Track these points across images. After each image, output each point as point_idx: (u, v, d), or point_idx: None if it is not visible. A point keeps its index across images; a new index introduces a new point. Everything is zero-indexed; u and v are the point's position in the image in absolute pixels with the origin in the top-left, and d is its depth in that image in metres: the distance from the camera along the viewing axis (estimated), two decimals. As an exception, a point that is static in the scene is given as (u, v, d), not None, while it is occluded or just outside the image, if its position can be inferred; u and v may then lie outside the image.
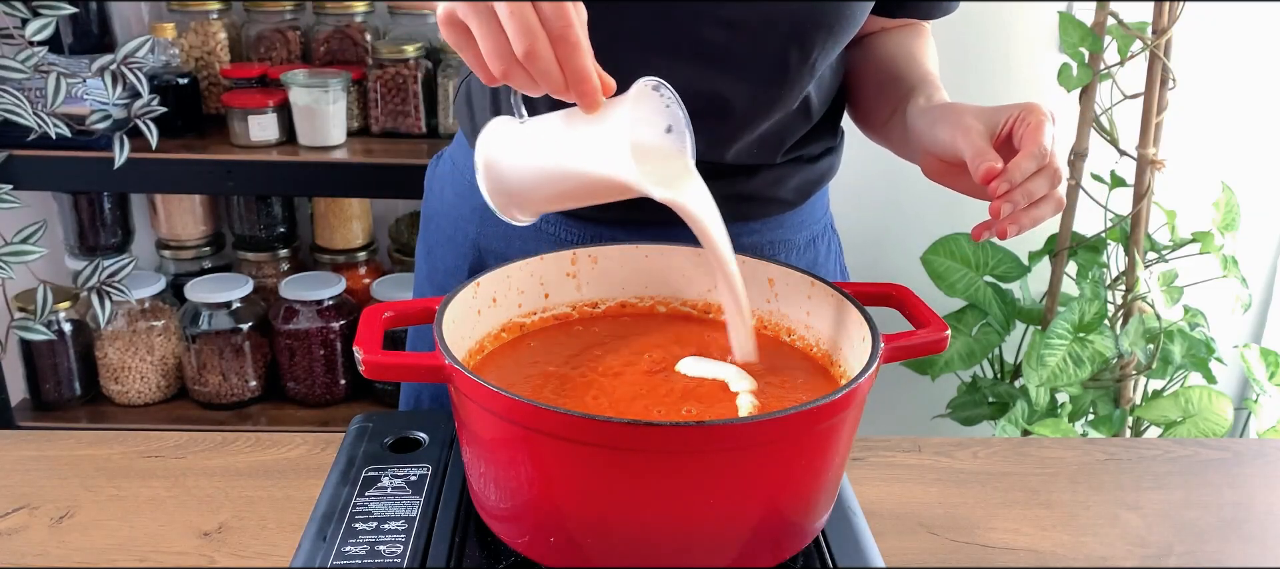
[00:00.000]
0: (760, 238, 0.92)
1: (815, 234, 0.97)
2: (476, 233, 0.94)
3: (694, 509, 0.59)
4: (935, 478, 0.89)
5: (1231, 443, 0.98)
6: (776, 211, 0.93)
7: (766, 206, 0.92)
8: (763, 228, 0.92)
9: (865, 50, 0.94)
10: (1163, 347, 1.65)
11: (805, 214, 0.95)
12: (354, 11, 1.72)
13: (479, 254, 0.94)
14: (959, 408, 1.84)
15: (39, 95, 1.49)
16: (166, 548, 0.77)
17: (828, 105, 0.92)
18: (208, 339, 1.72)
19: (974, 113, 0.75)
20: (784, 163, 0.90)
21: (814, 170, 0.93)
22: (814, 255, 0.97)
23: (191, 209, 1.78)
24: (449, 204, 0.98)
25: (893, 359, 0.66)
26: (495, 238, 0.93)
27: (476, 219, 0.94)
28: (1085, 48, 1.63)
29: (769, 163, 0.89)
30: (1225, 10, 1.79)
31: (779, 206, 0.93)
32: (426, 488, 0.71)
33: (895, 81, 0.88)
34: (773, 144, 0.88)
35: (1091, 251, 1.72)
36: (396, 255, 1.87)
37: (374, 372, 0.61)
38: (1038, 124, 0.70)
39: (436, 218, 1.00)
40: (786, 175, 0.91)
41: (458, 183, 0.97)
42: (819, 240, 0.98)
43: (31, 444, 0.90)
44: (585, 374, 0.70)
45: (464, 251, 0.95)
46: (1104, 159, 1.71)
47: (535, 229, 0.91)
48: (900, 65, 0.89)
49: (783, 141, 0.89)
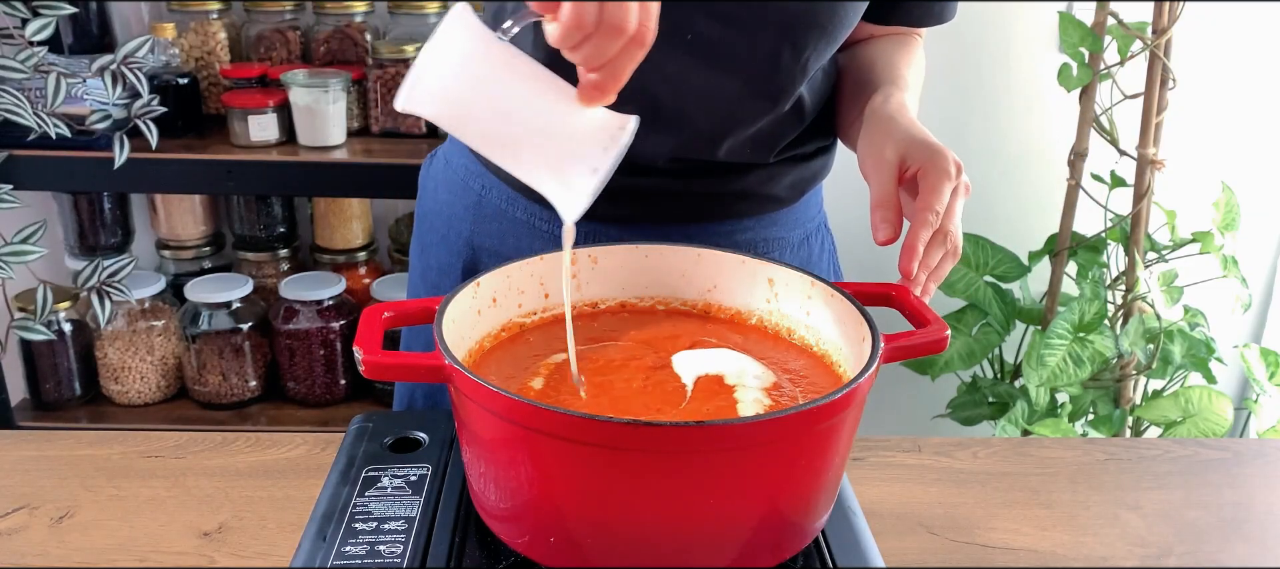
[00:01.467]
0: (754, 235, 0.93)
1: (809, 232, 0.97)
2: (470, 230, 0.94)
3: (694, 509, 0.59)
4: (935, 478, 0.89)
5: (1231, 443, 0.98)
6: (770, 209, 0.93)
7: (760, 204, 0.92)
8: (756, 225, 0.93)
9: (851, 56, 0.94)
10: (1163, 347, 1.65)
11: (799, 212, 0.96)
12: (354, 11, 1.72)
13: (473, 251, 0.94)
14: (959, 408, 1.84)
15: (39, 95, 1.49)
16: (166, 548, 0.77)
17: (821, 106, 0.92)
18: (208, 339, 1.72)
19: (895, 142, 0.75)
20: (777, 162, 0.90)
21: (807, 169, 0.93)
22: (807, 253, 0.97)
23: (191, 209, 1.78)
24: (443, 202, 0.98)
25: (893, 359, 0.66)
26: (489, 235, 0.93)
27: (470, 217, 0.94)
28: (1085, 48, 1.63)
29: (762, 162, 0.89)
30: (1225, 10, 1.79)
31: (772, 204, 0.93)
32: (426, 488, 0.71)
33: (867, 86, 0.88)
34: (765, 144, 0.88)
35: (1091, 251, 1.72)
36: (396, 255, 1.87)
37: (374, 372, 0.61)
38: (935, 184, 0.71)
39: (430, 216, 1.00)
40: (779, 174, 0.91)
41: (451, 181, 0.97)
42: (812, 238, 0.98)
43: (31, 444, 0.90)
44: (584, 371, 0.70)
45: (458, 249, 0.96)
46: (1104, 159, 1.71)
47: (528, 225, 0.91)
48: (877, 70, 0.89)
49: (775, 142, 0.89)
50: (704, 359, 0.71)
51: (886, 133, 0.76)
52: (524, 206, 0.92)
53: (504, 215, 0.93)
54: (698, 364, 0.71)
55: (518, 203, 0.92)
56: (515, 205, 0.92)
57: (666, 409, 0.66)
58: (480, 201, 0.94)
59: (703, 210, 0.91)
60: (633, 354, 0.73)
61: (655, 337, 0.76)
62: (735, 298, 0.79)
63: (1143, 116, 1.63)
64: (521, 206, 0.92)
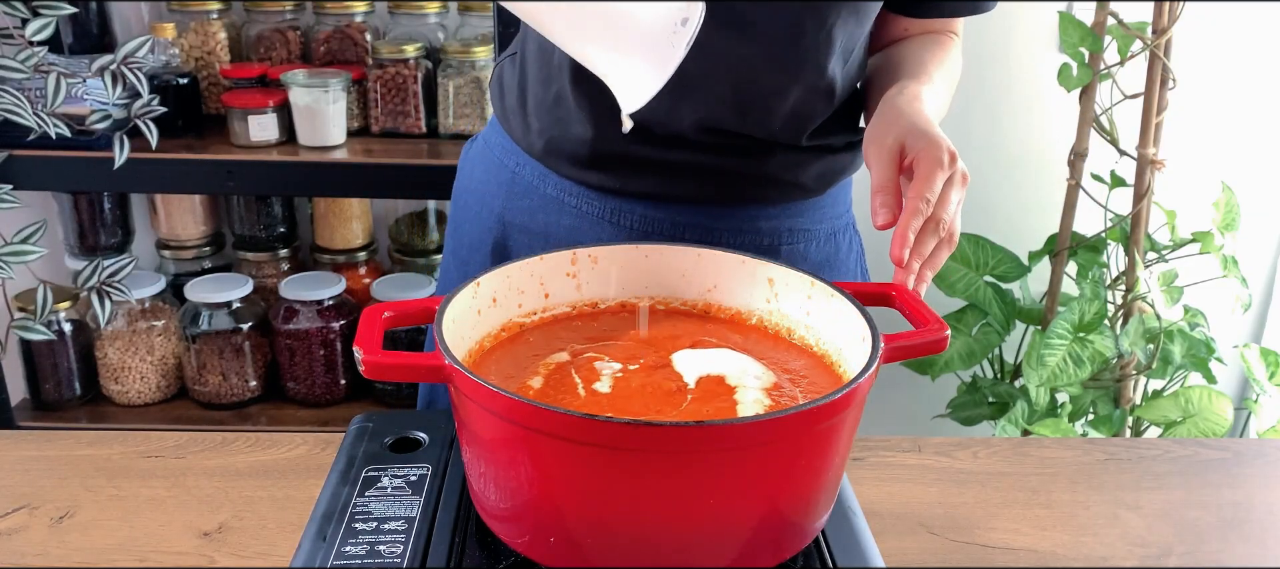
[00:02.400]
0: (779, 223, 0.92)
1: (836, 228, 0.97)
2: (502, 206, 0.96)
3: (694, 509, 0.59)
4: (935, 478, 0.89)
5: (1231, 443, 0.98)
6: (797, 197, 0.93)
7: (786, 191, 0.92)
8: (781, 213, 0.93)
9: (883, 57, 0.94)
10: (1163, 347, 1.65)
11: (826, 205, 0.95)
12: (354, 11, 1.72)
13: (503, 227, 0.96)
14: (959, 408, 1.84)
15: (39, 95, 1.49)
16: (166, 548, 0.77)
17: (850, 94, 0.91)
18: (208, 339, 1.72)
19: (898, 130, 0.75)
20: (806, 147, 0.90)
21: (836, 161, 0.93)
22: (833, 249, 0.97)
23: (191, 209, 1.78)
24: (478, 180, 1.01)
25: (893, 359, 0.66)
26: (519, 211, 0.95)
27: (503, 193, 0.96)
28: (1085, 48, 1.63)
29: (791, 143, 0.89)
30: (1225, 10, 1.79)
31: (799, 192, 0.93)
32: (426, 488, 0.71)
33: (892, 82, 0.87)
34: (792, 123, 0.88)
35: (1091, 251, 1.72)
36: (396, 255, 1.87)
37: (374, 372, 0.61)
38: (928, 172, 0.71)
39: (464, 194, 1.03)
40: (807, 161, 0.91)
41: (488, 160, 1.00)
42: (840, 235, 0.98)
43: (31, 444, 0.90)
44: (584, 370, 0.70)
45: (489, 225, 0.98)
46: (1104, 159, 1.71)
47: (557, 201, 0.93)
48: (905, 68, 0.89)
49: (803, 123, 0.88)
50: (705, 359, 0.71)
51: (891, 121, 0.76)
52: (555, 182, 0.93)
53: (535, 191, 0.95)
54: (698, 364, 0.71)
55: (549, 179, 0.93)
56: (546, 181, 0.94)
57: (666, 409, 0.66)
58: (514, 178, 0.96)
59: (729, 191, 0.91)
60: (633, 354, 0.73)
61: (655, 336, 0.76)
62: (735, 298, 0.79)
63: (1143, 116, 1.63)
64: (553, 182, 0.93)
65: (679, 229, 0.92)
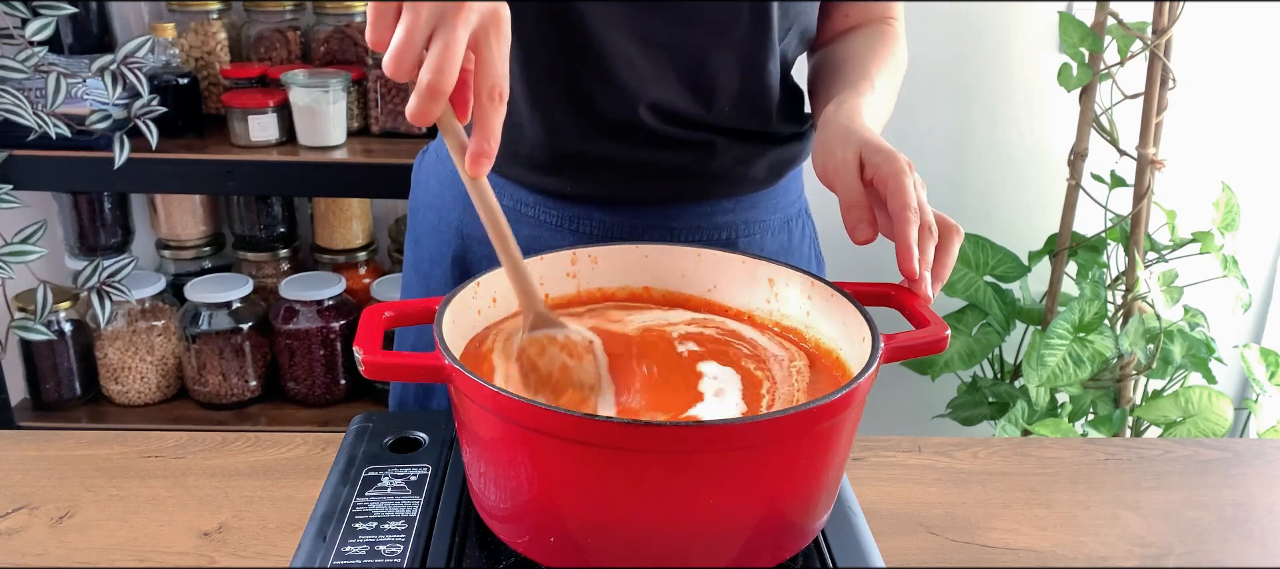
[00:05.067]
0: (734, 217, 0.94)
1: (789, 216, 0.98)
2: (459, 219, 0.96)
3: (694, 509, 0.59)
4: (935, 478, 0.89)
5: (1231, 443, 0.98)
6: (750, 190, 0.94)
7: (739, 185, 0.93)
8: (736, 207, 0.94)
9: (826, 54, 0.94)
10: (1163, 347, 1.65)
11: (779, 196, 0.97)
12: (354, 11, 1.72)
13: (462, 240, 0.96)
14: (959, 408, 1.84)
15: (39, 95, 1.49)
16: (166, 548, 0.77)
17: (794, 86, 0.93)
18: (208, 339, 1.72)
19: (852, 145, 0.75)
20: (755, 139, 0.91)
21: (785, 151, 0.94)
22: (787, 237, 0.98)
23: (191, 209, 1.78)
24: (434, 194, 1.00)
25: (893, 359, 0.65)
26: (478, 224, 0.94)
27: (459, 207, 0.96)
28: (1085, 48, 1.63)
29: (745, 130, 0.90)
30: (1225, 10, 1.79)
31: (751, 185, 0.94)
32: (426, 488, 0.71)
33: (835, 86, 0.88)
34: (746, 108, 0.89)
35: (1091, 251, 1.72)
36: (396, 255, 1.87)
37: (374, 372, 0.61)
38: (900, 184, 0.70)
39: (422, 209, 1.02)
40: (756, 154, 0.92)
41: (442, 173, 0.99)
42: (793, 223, 0.99)
43: (31, 444, 0.90)
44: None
45: (448, 238, 0.97)
46: (1104, 159, 1.71)
47: (513, 212, 0.93)
48: (847, 70, 0.89)
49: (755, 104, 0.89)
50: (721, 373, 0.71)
51: (841, 139, 0.76)
52: (511, 192, 0.93)
53: None
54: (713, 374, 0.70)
55: (505, 190, 0.93)
56: (502, 192, 0.93)
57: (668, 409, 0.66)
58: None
59: (684, 189, 0.92)
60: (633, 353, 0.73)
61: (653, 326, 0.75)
62: (735, 298, 0.79)
63: (1143, 116, 1.63)
64: (509, 193, 0.93)
65: (638, 231, 0.92)
